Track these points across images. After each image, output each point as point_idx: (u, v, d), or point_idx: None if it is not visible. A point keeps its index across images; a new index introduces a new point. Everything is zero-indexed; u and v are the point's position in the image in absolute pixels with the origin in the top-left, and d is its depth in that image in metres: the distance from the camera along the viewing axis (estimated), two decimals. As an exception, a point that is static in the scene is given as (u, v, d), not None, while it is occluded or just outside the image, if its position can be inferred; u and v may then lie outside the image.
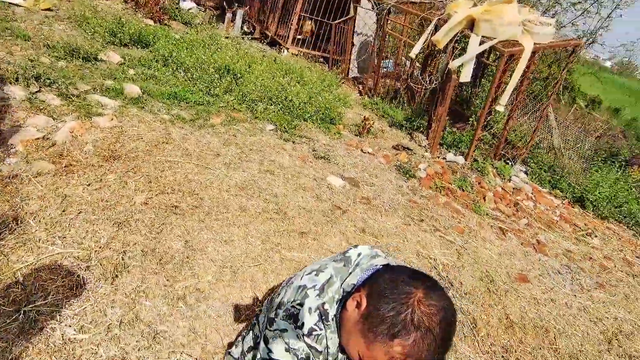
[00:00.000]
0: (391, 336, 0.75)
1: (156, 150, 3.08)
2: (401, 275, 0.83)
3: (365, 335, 0.79)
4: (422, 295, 0.78)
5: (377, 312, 0.78)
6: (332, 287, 0.94)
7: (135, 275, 2.04)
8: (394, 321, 0.75)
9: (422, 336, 0.75)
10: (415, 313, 0.75)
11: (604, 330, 2.94)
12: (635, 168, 9.45)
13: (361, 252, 1.00)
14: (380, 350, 0.76)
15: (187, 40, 5.32)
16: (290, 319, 0.93)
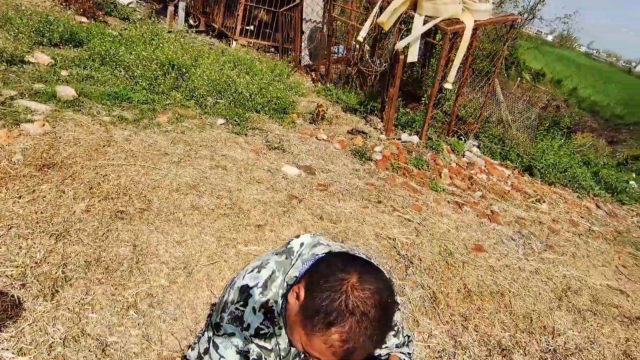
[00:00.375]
0: (328, 325, 0.74)
1: (97, 154, 2.90)
2: (336, 262, 0.82)
3: (305, 326, 0.78)
4: (356, 280, 0.77)
5: (313, 302, 0.77)
6: (276, 282, 0.91)
7: (78, 288, 1.92)
8: (329, 310, 0.74)
9: (358, 321, 0.74)
10: (350, 299, 0.75)
11: (554, 289, 3.12)
12: (579, 134, 10.07)
13: (303, 242, 0.98)
14: (319, 339, 0.76)
15: (125, 36, 5.04)
16: (235, 321, 0.90)
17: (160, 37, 5.31)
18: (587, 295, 3.15)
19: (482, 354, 2.30)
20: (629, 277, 3.67)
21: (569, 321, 2.78)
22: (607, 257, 3.95)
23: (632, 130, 14.22)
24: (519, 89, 13.82)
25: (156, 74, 4.48)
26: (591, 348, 2.58)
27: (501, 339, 2.45)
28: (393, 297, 0.82)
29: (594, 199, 5.49)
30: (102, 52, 4.47)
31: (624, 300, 3.24)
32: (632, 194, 5.87)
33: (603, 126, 14.75)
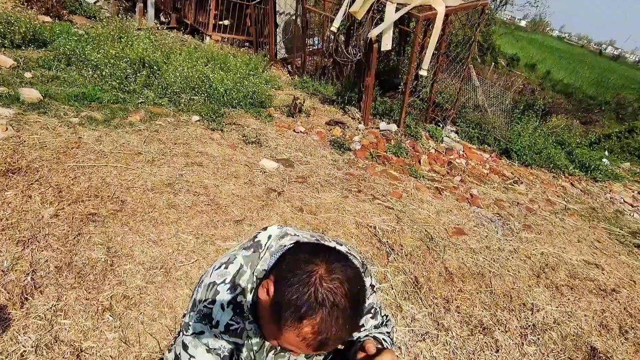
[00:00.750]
0: (299, 319, 0.74)
1: (65, 157, 2.81)
2: (302, 254, 0.81)
3: (276, 321, 0.77)
4: (324, 271, 0.76)
5: (282, 298, 0.76)
6: (244, 277, 0.90)
7: (49, 294, 1.86)
8: (299, 303, 0.74)
9: (329, 312, 0.74)
10: (319, 291, 0.74)
11: (533, 267, 3.19)
12: (554, 116, 10.29)
13: (271, 234, 0.96)
14: (292, 333, 0.75)
15: (92, 35, 4.88)
16: (204, 319, 0.88)
17: (130, 35, 5.16)
18: (564, 271, 3.23)
19: (464, 334, 2.33)
20: (604, 251, 3.78)
21: (547, 297, 2.85)
22: (583, 233, 4.06)
23: (603, 110, 14.62)
24: (495, 74, 14.02)
25: (126, 72, 4.36)
26: (569, 321, 2.65)
27: (482, 318, 2.49)
28: (363, 283, 0.82)
29: (569, 178, 5.63)
30: (68, 52, 4.32)
31: (599, 273, 3.34)
32: (605, 171, 6.04)
33: (577, 107, 15.11)
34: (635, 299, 3.10)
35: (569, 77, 19.56)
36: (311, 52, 7.30)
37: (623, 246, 4.02)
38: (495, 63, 16.57)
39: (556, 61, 21.99)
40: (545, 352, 2.33)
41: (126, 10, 7.47)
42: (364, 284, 0.83)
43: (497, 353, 2.25)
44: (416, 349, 2.16)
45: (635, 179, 6.49)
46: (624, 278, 3.37)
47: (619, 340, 2.59)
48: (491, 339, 2.34)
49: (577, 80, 19.33)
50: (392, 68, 6.89)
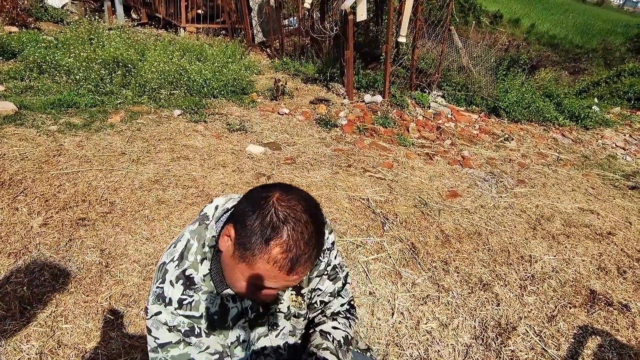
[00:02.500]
0: (266, 242, 0.74)
1: (47, 166, 2.78)
2: (254, 191, 0.82)
3: (244, 257, 0.77)
4: (279, 194, 0.77)
5: (245, 231, 0.76)
6: (192, 250, 0.89)
7: (47, 301, 1.87)
8: (262, 228, 0.74)
9: (293, 227, 0.74)
10: (278, 210, 0.75)
11: (528, 220, 3.21)
12: (542, 69, 10.18)
13: (217, 204, 0.95)
14: (262, 261, 0.75)
15: (61, 40, 4.76)
16: (158, 299, 0.88)
17: (100, 36, 5.04)
18: (559, 220, 3.26)
19: (465, 293, 2.36)
20: (598, 197, 3.80)
21: (544, 247, 2.88)
22: (576, 181, 4.08)
23: (591, 58, 14.48)
24: (479, 33, 13.80)
25: (101, 74, 4.27)
26: (567, 268, 2.68)
27: (481, 275, 2.52)
28: (317, 203, 0.83)
29: (560, 129, 5.62)
30: (39, 60, 4.22)
31: (594, 219, 3.37)
32: (595, 119, 6.02)
33: (564, 58, 14.95)
34: (632, 239, 3.14)
35: (554, 28, 19.27)
36: (289, 32, 7.15)
37: (617, 190, 4.05)
38: (478, 22, 16.31)
39: (540, 13, 21.63)
40: (545, 300, 2.37)
41: (94, 11, 7.27)
42: (319, 204, 0.83)
43: (499, 307, 2.29)
44: (419, 313, 2.19)
45: (626, 122, 6.48)
46: (620, 220, 3.40)
47: (617, 281, 2.63)
48: (491, 294, 2.38)
49: (563, 30, 19.06)
50: (372, 39, 6.77)
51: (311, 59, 6.12)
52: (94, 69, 4.25)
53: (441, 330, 2.10)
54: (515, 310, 2.27)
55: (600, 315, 2.31)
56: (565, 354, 2.04)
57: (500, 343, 2.05)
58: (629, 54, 13.69)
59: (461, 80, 6.18)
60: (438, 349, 2.00)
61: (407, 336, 2.03)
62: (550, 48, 15.95)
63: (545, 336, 2.12)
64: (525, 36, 17.34)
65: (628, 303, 2.43)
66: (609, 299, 2.44)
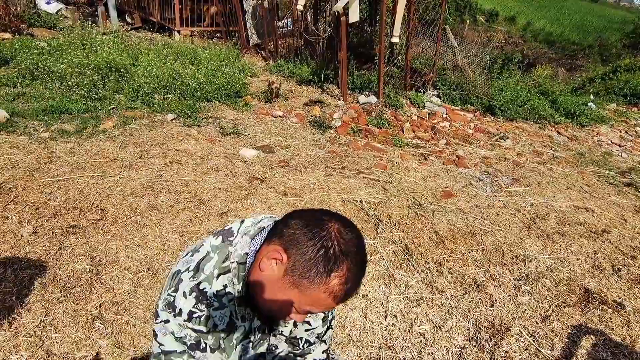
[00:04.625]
0: (327, 273, 0.76)
1: (38, 173, 2.77)
2: (306, 215, 0.82)
3: (299, 284, 0.78)
4: (338, 226, 0.79)
5: (304, 258, 0.77)
6: (209, 264, 0.88)
7: (36, 311, 1.86)
8: (325, 258, 0.76)
9: (352, 261, 0.78)
10: (341, 243, 0.77)
11: (523, 219, 3.20)
12: (539, 67, 10.18)
13: (244, 220, 0.95)
14: (320, 290, 0.77)
15: (54, 46, 4.75)
16: (168, 307, 0.87)
17: (93, 41, 5.03)
18: (554, 219, 3.25)
19: (459, 294, 2.35)
20: (593, 194, 3.79)
21: (538, 246, 2.87)
22: (571, 179, 4.07)
23: (587, 54, 14.49)
24: (475, 32, 13.81)
25: (94, 79, 4.26)
26: (562, 267, 2.67)
27: (475, 275, 2.51)
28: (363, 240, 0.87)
29: (555, 127, 5.61)
30: (31, 67, 4.21)
31: (589, 217, 3.36)
32: (590, 115, 6.01)
33: (560, 55, 14.96)
34: (627, 237, 3.13)
35: (550, 25, 19.28)
36: (283, 34, 7.15)
37: (612, 187, 4.04)
38: (474, 20, 16.31)
39: (535, 11, 21.65)
40: (540, 300, 2.36)
41: (88, 16, 7.27)
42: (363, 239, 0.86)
43: (492, 307, 2.28)
44: (412, 315, 2.18)
45: (622, 119, 6.47)
46: (615, 218, 3.40)
47: (612, 279, 2.62)
48: (485, 294, 2.37)
49: (559, 27, 19.07)
50: (366, 40, 6.77)
51: (305, 61, 6.11)
52: (87, 74, 4.24)
53: (435, 332, 2.09)
54: (509, 311, 2.26)
55: (594, 314, 2.30)
56: (559, 353, 2.03)
57: (494, 344, 2.04)
58: (625, 50, 13.69)
59: (456, 79, 6.17)
60: (432, 351, 1.99)
61: (400, 339, 2.02)
62: (547, 45, 15.94)
63: (539, 336, 2.11)
64: (521, 34, 17.35)
65: (623, 301, 2.42)
66: (604, 298, 2.43)
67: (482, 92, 5.82)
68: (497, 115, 5.58)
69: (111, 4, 6.77)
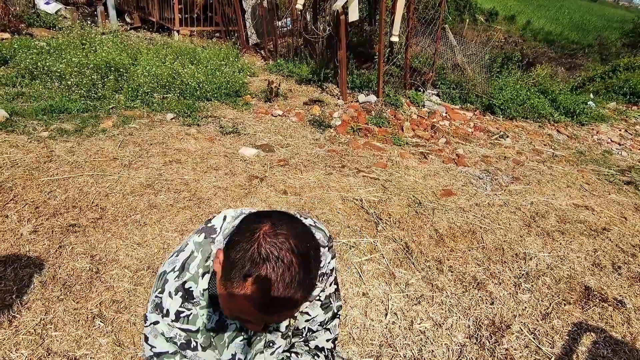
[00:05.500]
0: (244, 277, 0.70)
1: (38, 172, 2.76)
2: (250, 218, 0.78)
3: (225, 286, 0.73)
4: (268, 228, 0.72)
5: (228, 260, 0.73)
6: (194, 263, 0.87)
7: (36, 309, 1.85)
8: (243, 261, 0.70)
9: (273, 267, 0.69)
10: (262, 246, 0.70)
11: (523, 217, 3.20)
12: (538, 66, 10.18)
13: (226, 215, 0.92)
14: (240, 295, 0.71)
15: (53, 45, 4.75)
16: (156, 309, 0.87)
17: (92, 41, 5.03)
18: (554, 217, 3.25)
19: (459, 292, 2.35)
20: (593, 192, 3.79)
21: (539, 244, 2.87)
22: (571, 177, 4.07)
23: (587, 53, 14.49)
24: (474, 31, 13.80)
25: (93, 79, 4.26)
26: (562, 265, 2.67)
27: (475, 273, 2.51)
28: (314, 242, 0.78)
29: (555, 126, 5.61)
30: (30, 66, 4.21)
31: (589, 215, 3.36)
32: (590, 114, 6.01)
33: (560, 54, 14.96)
34: (627, 234, 3.13)
35: (550, 24, 19.29)
36: (283, 33, 7.15)
37: (612, 185, 4.04)
38: (474, 19, 16.31)
39: (535, 10, 21.66)
40: (540, 298, 2.36)
41: (88, 16, 7.26)
42: (316, 243, 0.79)
43: (492, 305, 2.28)
44: (412, 313, 2.18)
45: (622, 117, 6.47)
46: (615, 216, 3.40)
47: (612, 277, 2.62)
48: (485, 292, 2.37)
49: (558, 27, 19.08)
50: (366, 39, 6.77)
51: (305, 60, 6.11)
52: (86, 74, 4.24)
53: (435, 330, 2.09)
54: (510, 309, 2.26)
55: (595, 311, 2.30)
56: (560, 351, 2.03)
57: (494, 342, 2.04)
58: (625, 49, 13.69)
59: (456, 78, 6.17)
60: (432, 348, 1.99)
61: (400, 336, 2.02)
62: (546, 44, 15.94)
63: (539, 334, 2.11)
64: (521, 33, 17.35)
65: (623, 299, 2.42)
66: (604, 295, 2.43)
67: (482, 91, 5.82)
68: (497, 114, 5.58)
69: (110, 4, 6.77)
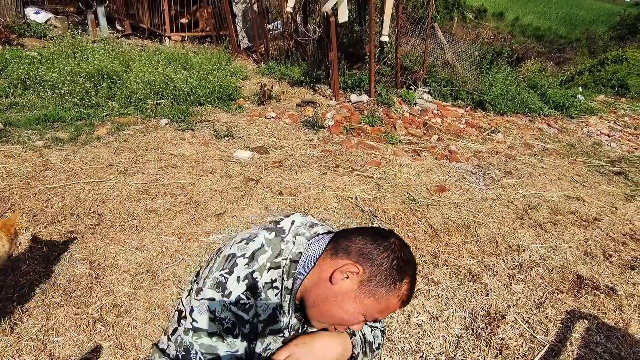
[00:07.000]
0: (400, 280, 0.88)
1: (34, 181, 2.78)
2: (366, 232, 0.94)
3: (375, 293, 0.88)
4: (397, 241, 0.91)
5: (380, 269, 0.88)
6: (264, 256, 0.92)
7: (38, 316, 1.88)
8: (397, 268, 0.88)
9: (413, 269, 0.92)
10: (404, 253, 0.90)
11: (516, 210, 3.26)
12: (528, 62, 10.29)
13: (294, 220, 0.99)
14: (394, 297, 0.89)
15: (45, 55, 4.76)
16: (218, 287, 0.89)
17: (84, 49, 5.04)
18: (546, 209, 3.30)
19: (454, 285, 2.40)
20: (584, 184, 3.86)
21: (531, 236, 2.92)
22: (562, 170, 4.14)
23: (575, 47, 14.65)
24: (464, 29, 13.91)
25: (86, 87, 4.27)
26: (554, 255, 2.73)
27: (470, 267, 2.55)
28: None
29: (545, 119, 5.69)
30: (22, 76, 4.21)
31: (580, 205, 3.42)
32: (579, 107, 6.10)
33: (549, 49, 15.12)
34: (617, 223, 3.19)
35: (538, 20, 19.48)
36: (274, 36, 7.19)
37: (603, 176, 4.11)
38: (463, 17, 16.44)
39: (523, 6, 21.87)
40: (533, 288, 2.41)
41: (78, 25, 7.27)
42: None
43: (487, 297, 2.32)
44: (409, 307, 2.22)
45: (610, 109, 6.57)
46: (605, 206, 3.46)
47: (604, 265, 2.68)
48: (480, 284, 2.41)
49: (546, 22, 19.28)
50: (356, 39, 6.82)
51: (296, 62, 6.16)
52: (79, 82, 4.25)
53: (432, 323, 2.13)
54: (504, 299, 2.31)
55: (587, 299, 2.35)
56: (554, 339, 2.08)
57: (489, 332, 2.09)
58: (612, 42, 13.85)
59: (446, 75, 6.24)
60: (429, 341, 2.03)
61: (398, 330, 2.06)
62: (535, 40, 16.11)
63: (533, 323, 2.15)
64: (509, 29, 17.51)
65: (614, 286, 2.48)
66: (596, 283, 2.49)
67: (472, 87, 5.89)
68: (488, 110, 5.65)
69: (100, 12, 6.78)
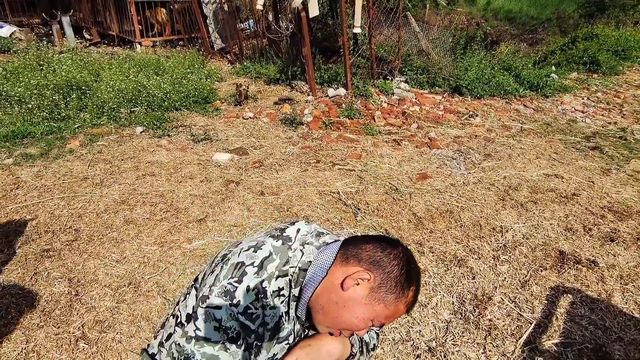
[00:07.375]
0: (408, 287, 0.92)
1: (4, 200, 2.68)
2: (374, 241, 0.96)
3: (385, 299, 0.91)
4: (402, 249, 0.95)
5: (389, 277, 0.91)
6: (272, 264, 0.92)
7: (17, 339, 1.81)
8: (406, 277, 0.92)
9: (418, 275, 0.97)
10: (411, 262, 0.95)
11: (497, 192, 3.29)
12: (502, 45, 10.41)
13: (300, 228, 1.00)
14: (401, 303, 0.92)
15: (9, 69, 4.60)
16: (226, 295, 0.88)
17: (50, 61, 4.89)
18: (526, 188, 3.35)
19: (441, 271, 2.41)
20: (561, 161, 3.92)
21: (513, 216, 2.95)
22: (540, 149, 4.20)
23: (546, 28, 14.89)
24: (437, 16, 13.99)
25: (55, 100, 4.15)
26: (537, 233, 2.76)
27: (456, 251, 2.57)
28: None
29: (521, 100, 5.76)
30: (-14, 93, 4.07)
31: (559, 182, 3.48)
32: (553, 86, 6.20)
33: (521, 31, 15.32)
34: (595, 197, 3.26)
35: (509, 3, 19.73)
36: (247, 35, 7.11)
37: (579, 152, 4.19)
38: (435, 4, 16.54)
39: (494, -10, 22.10)
40: (518, 267, 2.44)
41: (43, 36, 7.05)
42: None
43: (474, 280, 2.34)
44: (397, 296, 2.22)
45: (583, 86, 6.70)
46: (583, 181, 3.53)
47: (584, 239, 2.73)
48: (466, 268, 2.43)
49: (517, 4, 19.54)
50: (330, 33, 6.78)
51: (271, 60, 6.10)
52: (47, 95, 4.12)
53: (421, 311, 2.13)
54: (490, 281, 2.33)
55: (570, 274, 2.39)
56: (540, 315, 2.11)
57: (478, 314, 2.10)
58: (582, 20, 14.12)
59: (422, 63, 6.26)
60: (419, 329, 2.03)
61: (387, 321, 2.06)
62: (508, 22, 16.31)
63: (519, 301, 2.18)
64: (482, 14, 17.69)
65: (596, 259, 2.53)
66: (578, 258, 2.53)
67: (448, 73, 5.92)
68: (465, 95, 5.70)
69: (66, 22, 6.58)
